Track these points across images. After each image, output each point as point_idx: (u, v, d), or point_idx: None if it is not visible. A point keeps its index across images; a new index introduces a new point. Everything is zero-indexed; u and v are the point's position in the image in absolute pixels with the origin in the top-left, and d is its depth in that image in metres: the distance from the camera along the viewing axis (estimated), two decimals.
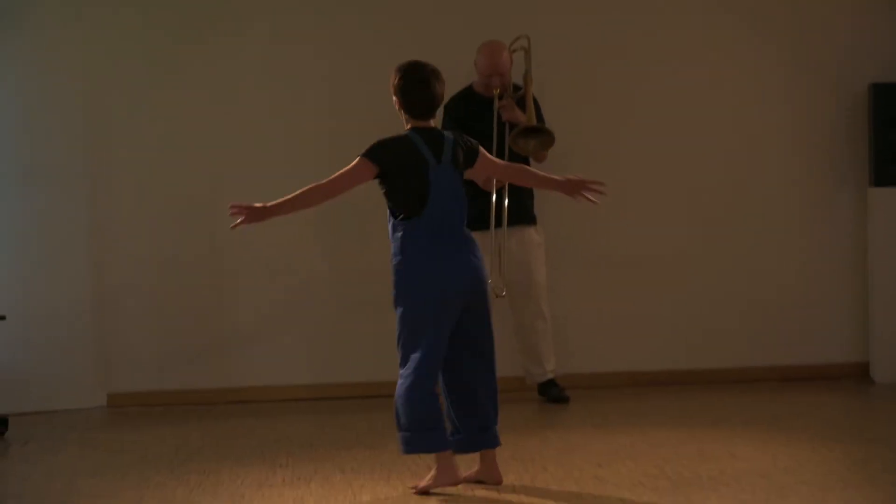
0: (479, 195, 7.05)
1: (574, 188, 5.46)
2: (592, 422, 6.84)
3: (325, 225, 7.82)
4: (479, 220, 7.14)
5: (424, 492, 5.24)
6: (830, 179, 8.07)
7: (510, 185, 7.22)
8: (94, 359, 7.78)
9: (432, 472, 5.26)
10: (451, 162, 5.27)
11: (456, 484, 5.25)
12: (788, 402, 7.26)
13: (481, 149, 5.41)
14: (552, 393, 7.48)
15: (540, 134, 7.26)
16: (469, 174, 5.44)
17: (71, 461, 6.37)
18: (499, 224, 7.29)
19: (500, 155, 7.15)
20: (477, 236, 5.50)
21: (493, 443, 5.35)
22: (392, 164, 5.22)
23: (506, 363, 7.49)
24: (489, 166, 5.48)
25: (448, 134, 5.33)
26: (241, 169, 7.79)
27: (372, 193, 5.53)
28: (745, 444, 6.07)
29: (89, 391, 7.79)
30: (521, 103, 7.34)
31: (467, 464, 5.40)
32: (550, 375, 7.54)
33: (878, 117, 7.85)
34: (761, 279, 8.01)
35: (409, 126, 5.32)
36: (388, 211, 5.29)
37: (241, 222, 5.23)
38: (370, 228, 7.53)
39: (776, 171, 8.06)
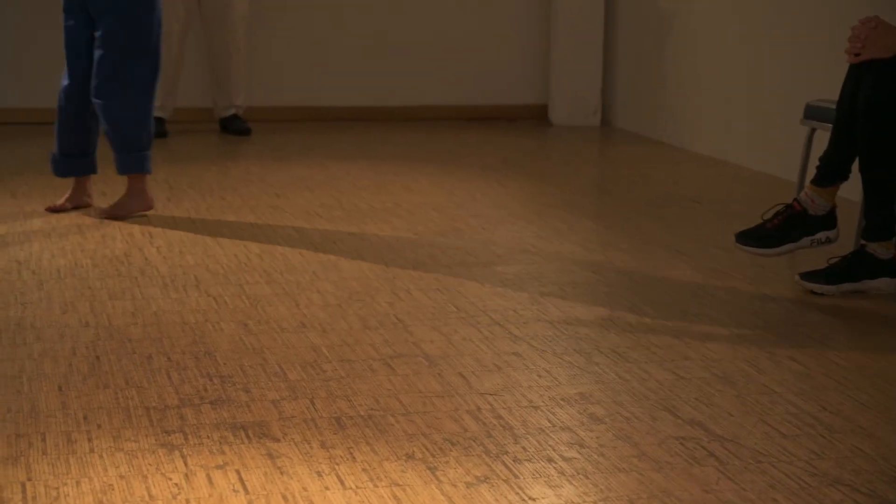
0: None
1: None
2: (273, 154, 6.81)
3: None
4: None
5: (54, 210, 5.28)
6: None
7: None
8: None
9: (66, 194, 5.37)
10: None
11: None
12: (468, 141, 7.37)
13: None
14: (234, 125, 7.39)
15: None
16: None
17: None
18: None
19: None
20: None
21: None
22: None
23: (195, 94, 7.44)
24: None
25: None
26: None
27: None
28: (421, 179, 6.16)
29: None
30: None
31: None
32: (234, 111, 7.43)
33: None
34: (447, 19, 8.01)
35: None
36: None
37: None
38: None
39: None
